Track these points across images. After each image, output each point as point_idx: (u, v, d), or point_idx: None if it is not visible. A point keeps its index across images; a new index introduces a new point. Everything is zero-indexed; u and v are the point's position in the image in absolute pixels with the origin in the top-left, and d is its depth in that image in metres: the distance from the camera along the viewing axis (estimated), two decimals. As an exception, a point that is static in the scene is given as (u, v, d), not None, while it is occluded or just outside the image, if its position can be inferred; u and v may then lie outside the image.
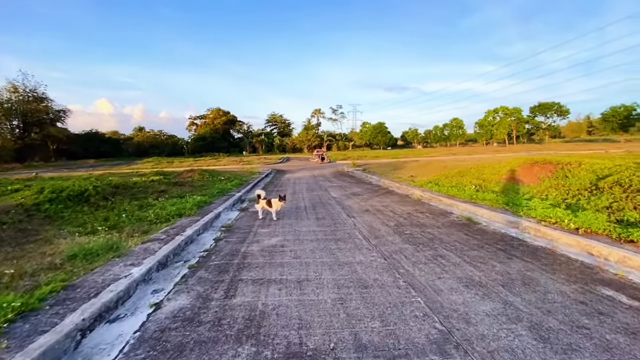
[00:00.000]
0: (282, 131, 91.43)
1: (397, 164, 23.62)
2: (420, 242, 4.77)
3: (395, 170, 18.02)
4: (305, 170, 22.27)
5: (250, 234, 5.40)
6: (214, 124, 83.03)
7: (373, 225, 5.88)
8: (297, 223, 6.15)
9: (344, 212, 7.18)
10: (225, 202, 7.92)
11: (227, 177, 14.98)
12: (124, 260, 3.73)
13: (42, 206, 5.76)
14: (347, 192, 10.34)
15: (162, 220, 5.85)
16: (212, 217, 6.28)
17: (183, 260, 4.16)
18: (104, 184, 8.13)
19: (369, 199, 8.87)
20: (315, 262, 4.00)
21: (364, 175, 16.60)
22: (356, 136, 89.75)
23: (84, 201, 6.53)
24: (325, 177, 17.00)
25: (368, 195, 9.58)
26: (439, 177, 12.24)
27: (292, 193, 10.53)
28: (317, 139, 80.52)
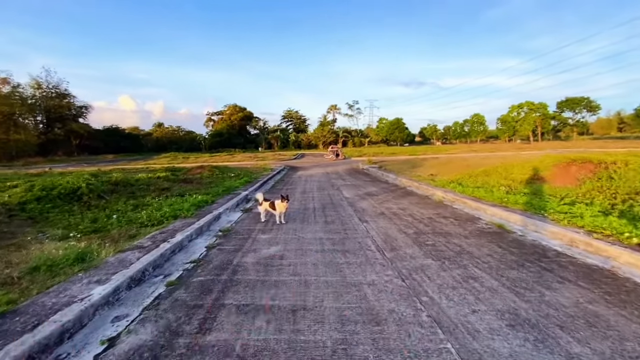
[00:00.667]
0: (297, 127, 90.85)
1: (415, 161, 22.55)
2: (445, 257, 3.99)
3: (413, 168, 17.06)
4: (318, 167, 21.58)
5: (248, 241, 4.75)
6: (231, 120, 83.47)
7: (389, 232, 5.12)
8: (302, 228, 5.46)
9: (356, 215, 6.44)
10: (228, 202, 7.33)
11: (237, 173, 14.49)
12: (90, 275, 3.15)
13: (28, 205, 5.32)
14: (361, 192, 9.58)
15: (155, 222, 5.30)
16: (210, 219, 5.69)
17: (163, 274, 3.55)
18: (103, 181, 7.71)
19: (384, 201, 8.08)
20: (317, 281, 3.30)
21: (379, 173, 15.74)
22: (372, 132, 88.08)
23: (76, 200, 6.09)
24: (339, 174, 16.25)
25: (384, 196, 8.79)
26: (462, 176, 11.27)
27: (302, 192, 9.86)
28: (333, 135, 79.48)
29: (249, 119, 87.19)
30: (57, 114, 51.88)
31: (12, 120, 41.67)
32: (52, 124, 52.56)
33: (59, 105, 51.80)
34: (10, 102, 40.85)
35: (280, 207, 5.71)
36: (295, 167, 22.67)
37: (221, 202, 7.26)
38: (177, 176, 12.55)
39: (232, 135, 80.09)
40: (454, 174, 12.05)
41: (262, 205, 5.90)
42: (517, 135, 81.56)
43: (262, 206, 5.91)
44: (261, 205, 5.92)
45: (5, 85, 43.82)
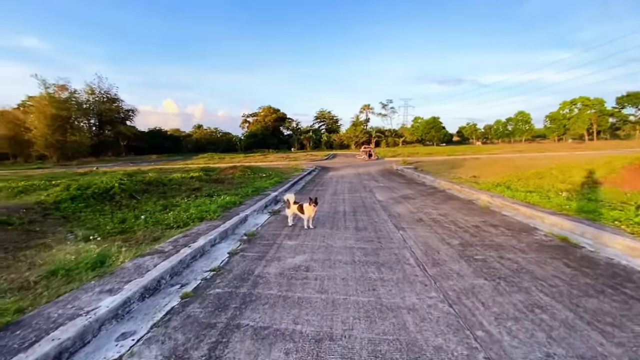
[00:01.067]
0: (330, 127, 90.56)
1: (454, 161, 21.26)
2: (500, 276, 3.35)
3: (452, 169, 16.01)
4: (350, 168, 21.03)
5: (273, 247, 4.41)
6: (265, 121, 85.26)
7: (429, 242, 4.53)
8: (331, 234, 5.02)
9: (391, 221, 5.88)
10: (256, 203, 7.10)
11: (268, 174, 14.40)
12: (103, 282, 2.96)
13: (62, 204, 5.41)
14: (396, 195, 8.95)
15: (180, 224, 5.15)
16: (236, 222, 5.45)
17: (180, 283, 3.29)
18: (137, 181, 7.83)
19: (422, 205, 7.41)
20: (346, 301, 2.85)
21: (416, 174, 14.89)
22: (407, 132, 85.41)
23: (109, 199, 6.15)
24: (372, 175, 15.61)
25: (421, 200, 8.10)
26: (510, 178, 10.22)
27: (333, 194, 9.43)
28: (365, 135, 78.18)
29: (282, 120, 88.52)
30: (107, 117, 55.96)
31: (69, 124, 45.49)
32: (103, 127, 56.81)
33: (109, 109, 55.83)
34: (67, 106, 44.60)
35: (309, 211, 5.32)
36: (326, 167, 22.30)
37: (249, 204, 7.04)
38: (210, 176, 12.68)
39: (266, 136, 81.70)
40: (499, 176, 10.99)
41: (291, 208, 5.55)
42: (569, 134, 74.93)
43: (291, 209, 5.56)
44: (289, 208, 5.57)
45: (64, 91, 47.98)
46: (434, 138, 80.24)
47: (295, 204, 5.52)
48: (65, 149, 44.94)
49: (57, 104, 43.42)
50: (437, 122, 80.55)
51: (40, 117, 42.12)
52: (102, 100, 55.51)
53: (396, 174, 16.04)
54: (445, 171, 15.21)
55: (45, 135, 42.55)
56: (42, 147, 44.07)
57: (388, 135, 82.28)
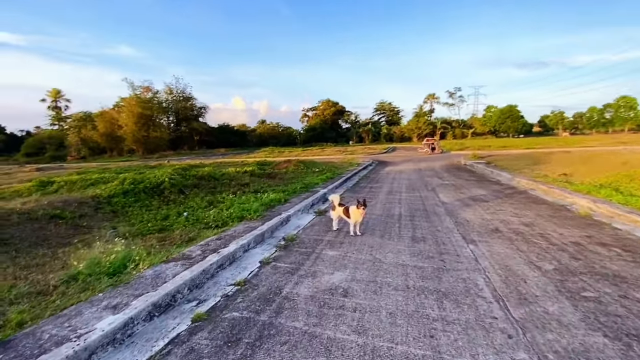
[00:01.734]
0: (390, 119, 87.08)
1: (537, 156, 18.34)
2: (629, 332, 2.24)
3: (534, 165, 13.72)
4: (410, 162, 19.51)
5: (310, 257, 3.80)
6: (324, 115, 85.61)
7: (511, 265, 3.46)
8: (381, 245, 4.22)
9: (458, 230, 4.83)
10: (302, 202, 6.58)
11: (321, 168, 13.93)
12: (113, 294, 2.65)
13: (114, 199, 5.54)
14: (464, 196, 7.66)
15: (219, 223, 4.86)
16: (276, 223, 4.98)
17: (198, 299, 2.87)
18: (190, 175, 7.92)
19: (498, 210, 6.12)
20: (391, 352, 2.08)
21: (488, 170, 13.01)
22: (477, 122, 77.78)
23: (158, 194, 6.20)
24: (435, 171, 14.10)
25: (496, 203, 6.74)
26: (617, 178, 8.11)
27: (388, 192, 8.49)
28: (429, 127, 73.23)
29: (340, 113, 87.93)
30: (183, 114, 61.63)
31: (152, 121, 51.11)
32: (180, 123, 62.74)
33: (184, 107, 61.39)
34: (150, 106, 50.16)
35: (356, 215, 4.59)
36: (384, 161, 21.07)
37: (294, 202, 6.55)
38: (264, 170, 12.66)
39: (324, 129, 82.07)
40: (601, 174, 8.84)
41: (336, 210, 4.87)
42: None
43: (335, 212, 4.88)
44: (334, 210, 4.90)
45: (148, 92, 54.09)
46: (509, 129, 71.91)
47: (340, 206, 4.83)
48: (148, 144, 50.72)
49: (143, 103, 49.13)
50: (514, 110, 71.90)
51: (129, 116, 48.06)
52: (179, 99, 61.27)
53: (464, 170, 14.26)
54: (525, 167, 13.05)
55: (133, 132, 48.52)
56: (131, 142, 50.42)
57: (455, 126, 76.08)
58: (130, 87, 49.95)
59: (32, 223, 4.18)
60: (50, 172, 16.64)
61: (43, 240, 3.91)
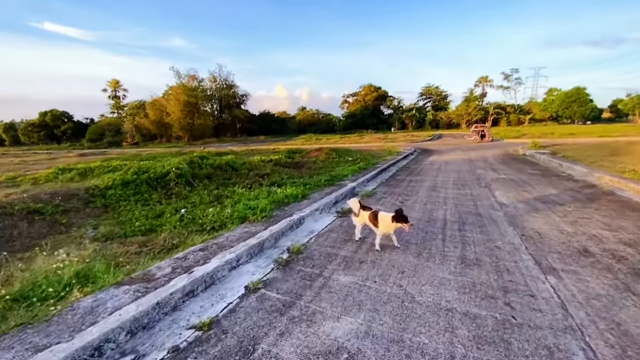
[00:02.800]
0: (436, 105, 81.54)
1: (614, 145, 15.39)
2: None
3: (613, 157, 11.35)
4: (458, 151, 17.45)
5: (315, 284, 2.81)
6: (365, 100, 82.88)
7: (620, 319, 2.17)
8: (416, 269, 3.08)
9: (527, 248, 3.51)
10: (324, 198, 5.58)
11: (354, 157, 12.75)
12: (9, 344, 1.90)
13: (109, 191, 4.98)
14: (529, 196, 6.10)
15: (216, 225, 4.06)
16: (284, 227, 4.04)
17: (136, 353, 2.02)
18: (207, 164, 7.28)
19: (579, 217, 4.59)
20: None
21: (555, 162, 10.91)
22: (536, 107, 69.69)
23: (162, 186, 5.58)
24: (488, 162, 12.21)
25: (575, 207, 5.16)
26: None
27: (430, 188, 7.14)
28: (480, 112, 67.26)
29: (383, 99, 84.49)
30: (226, 102, 63.10)
31: (196, 109, 52.86)
32: (222, 110, 64.43)
33: (227, 94, 62.76)
34: (194, 94, 51.80)
35: (386, 226, 3.47)
36: (428, 150, 19.17)
37: (314, 198, 5.57)
38: (292, 159, 11.84)
39: (365, 115, 79.56)
40: None
41: (360, 216, 3.79)
42: None
43: (359, 218, 3.80)
44: (357, 216, 3.82)
45: (194, 80, 55.96)
46: (575, 114, 63.60)
47: (365, 210, 3.73)
48: (193, 131, 52.77)
49: (188, 91, 50.90)
50: (582, 93, 63.23)
51: (176, 104, 50.11)
52: (222, 87, 62.71)
53: (524, 162, 12.19)
54: (602, 159, 10.76)
55: (179, 119, 50.67)
56: (178, 129, 52.82)
57: (510, 111, 69.21)
58: (177, 75, 51.95)
59: (3, 219, 3.71)
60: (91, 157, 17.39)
61: (7, 241, 3.38)
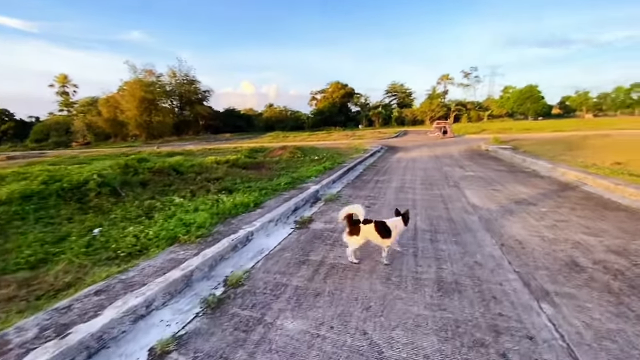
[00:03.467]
0: (402, 102, 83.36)
1: (570, 140, 16.05)
2: None
3: (571, 152, 11.63)
4: (424, 148, 17.41)
5: (252, 335, 2.06)
6: (332, 97, 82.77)
7: None
8: (384, 300, 2.41)
9: (510, 262, 3.00)
10: (281, 206, 4.83)
11: (321, 156, 12.09)
12: None
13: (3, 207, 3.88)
14: (501, 196, 5.75)
15: (135, 250, 3.17)
16: (224, 248, 3.24)
17: None
18: (144, 168, 6.23)
19: (558, 220, 4.22)
20: None
21: (518, 157, 10.95)
22: (494, 104, 73.48)
23: (78, 198, 4.52)
24: (454, 158, 12.09)
25: (550, 207, 4.84)
26: None
27: (398, 189, 6.64)
28: (443, 109, 69.60)
29: (350, 96, 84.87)
30: (187, 98, 59.90)
31: (154, 105, 49.58)
32: (183, 107, 61.12)
33: (188, 90, 59.59)
34: (152, 89, 48.49)
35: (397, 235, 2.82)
36: (394, 147, 19.01)
37: (270, 206, 4.80)
38: (254, 158, 10.93)
39: (333, 113, 79.53)
40: (679, 164, 6.79)
41: (362, 232, 2.94)
42: None
43: (359, 237, 2.96)
44: (354, 234, 2.97)
45: (151, 76, 52.34)
46: (529, 110, 67.87)
47: (369, 224, 2.93)
48: (151, 129, 49.48)
49: (145, 87, 47.49)
50: (535, 90, 67.62)
51: (131, 100, 46.63)
52: (182, 83, 59.41)
53: (489, 157, 12.20)
54: (561, 154, 10.97)
55: (135, 117, 47.22)
56: (134, 127, 49.24)
57: (470, 108, 72.29)
58: (132, 70, 48.26)
59: None
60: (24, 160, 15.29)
61: None
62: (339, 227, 4.22)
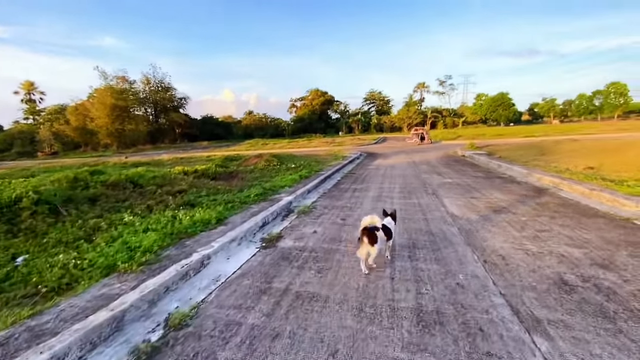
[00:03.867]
0: (380, 109, 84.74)
1: (541, 145, 16.45)
2: None
3: (543, 156, 11.85)
4: (402, 154, 17.40)
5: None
6: (312, 105, 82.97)
7: None
8: (354, 340, 2.03)
9: (495, 283, 2.71)
10: (247, 222, 4.39)
11: (298, 164, 11.70)
12: None
13: None
14: (480, 204, 5.56)
15: (62, 283, 2.64)
16: (169, 278, 2.77)
17: None
18: (97, 182, 5.61)
19: (540, 230, 4.02)
20: None
21: (494, 163, 11.01)
22: (468, 111, 76.02)
23: (9, 219, 3.89)
24: (432, 165, 12.02)
25: (530, 216, 4.65)
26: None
27: (376, 198, 6.34)
28: (420, 116, 71.26)
29: (329, 103, 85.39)
30: (162, 105, 58.09)
31: (127, 113, 47.62)
32: (158, 115, 59.19)
33: (163, 97, 57.83)
34: (124, 97, 46.59)
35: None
36: (373, 153, 18.92)
37: (235, 223, 4.34)
38: (226, 167, 10.38)
39: (313, 120, 79.65)
40: None
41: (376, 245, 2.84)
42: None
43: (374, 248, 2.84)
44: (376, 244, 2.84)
45: (124, 82, 50.34)
46: (500, 117, 70.51)
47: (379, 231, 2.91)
48: (124, 138, 47.42)
49: (116, 94, 45.53)
50: (506, 98, 70.42)
51: (101, 108, 44.54)
52: (157, 90, 57.58)
53: (465, 163, 12.22)
54: (534, 159, 11.15)
55: (106, 125, 45.09)
56: (105, 136, 46.97)
57: (446, 115, 74.46)
58: (102, 76, 46.17)
59: None
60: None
61: None
62: (309, 244, 3.83)
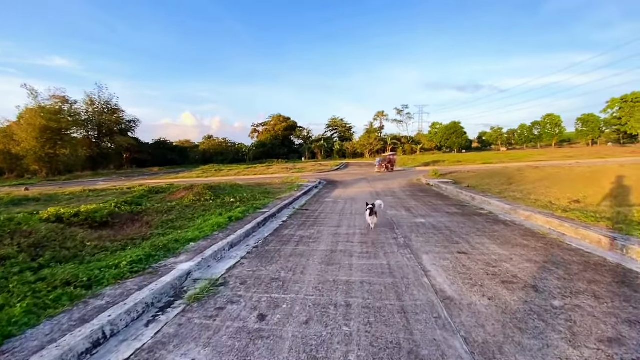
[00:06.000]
0: (342, 136, 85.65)
1: (504, 173, 15.83)
2: None
3: (513, 185, 10.90)
4: (364, 183, 15.90)
5: None
6: (275, 130, 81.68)
7: None
8: None
9: None
10: (80, 327, 2.18)
11: (241, 196, 9.51)
12: None
13: None
14: (475, 266, 3.81)
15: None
16: None
17: None
18: None
19: (596, 331, 2.28)
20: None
21: (465, 195, 9.68)
22: (424, 138, 79.25)
23: None
24: (397, 197, 10.46)
25: (559, 293, 2.95)
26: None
27: (327, 258, 4.37)
28: (380, 143, 72.73)
29: (292, 129, 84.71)
30: (107, 128, 53.00)
31: (60, 136, 42.28)
32: (102, 138, 53.81)
33: (109, 120, 52.91)
34: (58, 118, 41.43)
35: None
36: (334, 181, 17.23)
37: (27, 350, 2.12)
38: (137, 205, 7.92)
39: (275, 145, 78.00)
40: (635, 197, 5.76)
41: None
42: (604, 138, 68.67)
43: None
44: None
45: (64, 103, 45.03)
46: (454, 145, 73.99)
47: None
48: (55, 163, 41.75)
49: (48, 115, 40.31)
50: (459, 127, 74.42)
51: (29, 130, 39.09)
52: (102, 111, 52.60)
53: (433, 194, 10.83)
54: (505, 189, 10.07)
55: (33, 149, 39.42)
56: (32, 162, 40.98)
57: (404, 142, 76.70)
58: (32, 95, 40.85)
59: None
60: None
61: None
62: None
